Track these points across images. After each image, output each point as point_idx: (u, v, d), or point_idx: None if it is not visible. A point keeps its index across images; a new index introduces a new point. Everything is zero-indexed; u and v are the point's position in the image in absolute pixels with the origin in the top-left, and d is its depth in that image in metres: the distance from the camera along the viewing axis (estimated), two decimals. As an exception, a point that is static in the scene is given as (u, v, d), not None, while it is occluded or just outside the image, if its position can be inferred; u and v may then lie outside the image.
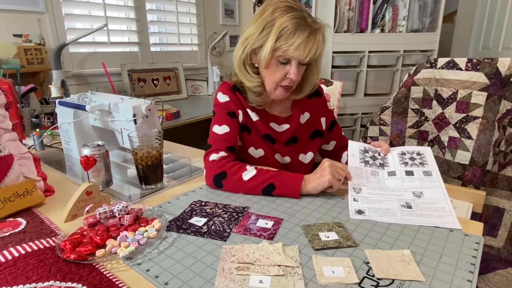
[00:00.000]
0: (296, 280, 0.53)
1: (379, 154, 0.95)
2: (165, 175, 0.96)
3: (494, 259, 1.28)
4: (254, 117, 1.00)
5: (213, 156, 0.89)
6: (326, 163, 0.82)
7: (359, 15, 2.38)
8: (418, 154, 0.90)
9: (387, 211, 0.74)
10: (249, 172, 0.84)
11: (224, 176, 0.85)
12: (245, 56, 0.94)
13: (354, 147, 0.96)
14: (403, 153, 0.92)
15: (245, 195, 0.84)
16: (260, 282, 0.52)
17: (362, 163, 0.91)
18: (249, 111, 1.00)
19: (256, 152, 1.03)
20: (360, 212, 0.74)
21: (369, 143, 1.00)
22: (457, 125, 1.33)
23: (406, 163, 0.89)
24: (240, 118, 0.99)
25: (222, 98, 1.00)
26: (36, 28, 1.78)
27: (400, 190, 0.81)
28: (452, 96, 1.33)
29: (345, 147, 1.14)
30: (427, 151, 0.90)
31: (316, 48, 0.87)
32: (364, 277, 0.53)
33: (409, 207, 0.75)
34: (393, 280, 0.53)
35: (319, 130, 1.10)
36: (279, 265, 0.56)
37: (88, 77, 2.05)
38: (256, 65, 0.95)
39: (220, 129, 0.95)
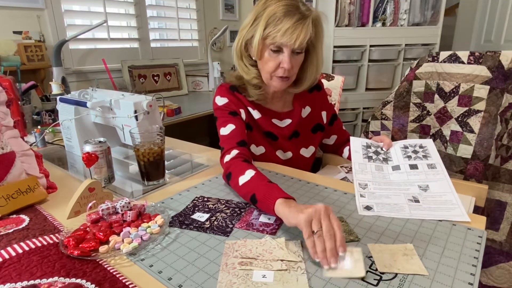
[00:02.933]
0: (299, 275, 0.53)
1: (382, 149, 0.94)
2: (166, 171, 0.96)
3: (496, 253, 1.28)
4: (256, 114, 1.00)
5: (226, 158, 0.88)
6: (319, 206, 0.58)
7: (360, 9, 2.36)
8: (421, 147, 0.90)
9: (395, 206, 0.74)
10: (245, 177, 0.78)
11: (229, 177, 0.83)
12: (241, 48, 0.95)
13: (357, 143, 0.95)
14: (406, 147, 0.91)
15: (247, 191, 0.83)
16: (263, 277, 0.52)
17: (366, 158, 0.91)
18: (250, 109, 1.00)
19: (257, 149, 1.03)
20: (368, 208, 0.74)
21: (370, 138, 0.99)
22: (459, 119, 1.32)
23: (409, 157, 0.88)
24: (243, 116, 0.99)
25: (221, 101, 0.99)
26: (36, 24, 1.77)
27: (406, 184, 0.81)
28: (454, 89, 1.33)
29: (346, 142, 1.14)
30: (429, 144, 0.90)
31: (305, 34, 0.84)
32: (367, 271, 0.54)
33: (417, 201, 0.75)
34: (396, 274, 0.53)
35: (320, 124, 1.09)
36: (282, 260, 0.56)
37: (88, 73, 2.04)
38: (253, 57, 0.95)
39: (226, 130, 0.93)
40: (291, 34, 0.84)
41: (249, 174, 0.78)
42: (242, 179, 0.78)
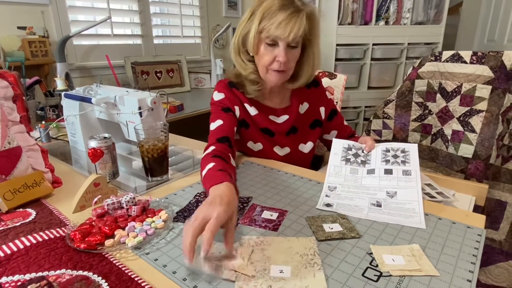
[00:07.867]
0: (316, 270, 0.54)
1: (363, 151, 0.92)
2: (169, 167, 0.97)
3: (495, 252, 1.29)
4: (252, 111, 1.01)
5: (203, 155, 0.87)
6: (215, 214, 0.55)
7: (363, 7, 2.36)
8: (403, 151, 0.87)
9: (354, 207, 0.74)
10: (205, 169, 0.77)
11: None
12: (238, 44, 0.96)
13: (338, 145, 0.94)
14: (387, 150, 0.89)
15: (249, 188, 0.85)
16: (280, 272, 0.53)
17: (343, 161, 0.90)
18: (247, 105, 1.01)
19: (255, 146, 1.04)
20: (328, 205, 0.75)
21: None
22: (461, 119, 1.33)
23: (387, 161, 0.86)
24: (237, 113, 1.00)
25: (217, 96, 1.01)
26: (40, 20, 1.78)
27: (375, 189, 0.80)
28: (456, 89, 1.33)
29: (347, 137, 1.14)
30: (412, 149, 0.86)
31: (299, 27, 0.86)
32: (367, 268, 0.55)
33: (379, 205, 0.75)
34: (405, 276, 0.54)
35: (319, 120, 1.10)
36: (299, 255, 0.57)
37: (91, 69, 2.05)
38: (250, 53, 0.96)
39: (214, 125, 0.96)
40: (285, 27, 0.85)
41: (209, 165, 0.77)
42: (203, 172, 0.77)
